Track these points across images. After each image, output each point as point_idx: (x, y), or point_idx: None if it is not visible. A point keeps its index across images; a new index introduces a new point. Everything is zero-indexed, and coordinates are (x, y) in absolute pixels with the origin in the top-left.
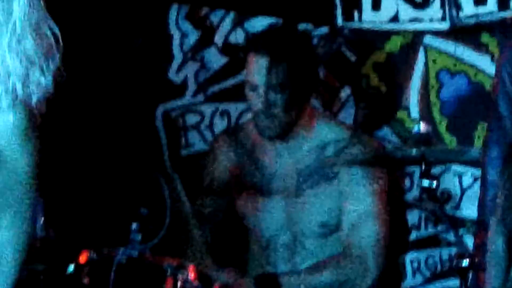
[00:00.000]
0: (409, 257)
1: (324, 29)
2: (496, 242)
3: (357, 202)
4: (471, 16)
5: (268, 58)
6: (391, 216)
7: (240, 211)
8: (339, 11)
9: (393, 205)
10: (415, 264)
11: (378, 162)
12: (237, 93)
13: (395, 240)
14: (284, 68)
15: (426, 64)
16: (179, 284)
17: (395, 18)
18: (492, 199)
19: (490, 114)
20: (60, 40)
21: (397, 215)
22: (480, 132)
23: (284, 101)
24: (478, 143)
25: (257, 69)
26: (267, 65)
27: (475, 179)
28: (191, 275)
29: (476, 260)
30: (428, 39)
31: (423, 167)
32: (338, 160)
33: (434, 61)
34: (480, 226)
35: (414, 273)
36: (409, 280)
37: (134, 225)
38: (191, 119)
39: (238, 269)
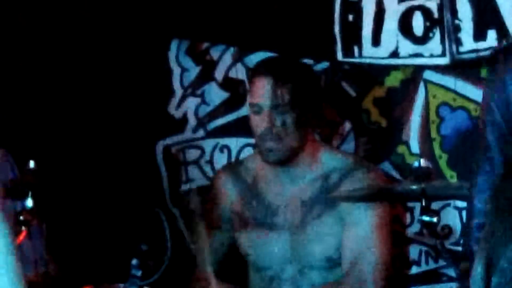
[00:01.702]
0: None
1: (324, 64)
2: (477, 270)
3: (359, 232)
4: (471, 51)
5: (272, 79)
6: (392, 250)
7: (242, 246)
8: (339, 46)
9: (394, 238)
10: None
11: (380, 193)
12: (238, 128)
13: (396, 274)
14: (288, 89)
15: (426, 99)
16: None
17: (395, 53)
18: (478, 228)
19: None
20: None
21: (397, 249)
22: None
23: (289, 123)
24: None
25: (261, 90)
26: (271, 86)
27: None
28: None
29: None
30: (428, 74)
31: (424, 202)
32: (341, 193)
33: (434, 96)
34: (464, 256)
35: None
36: None
37: (134, 261)
38: (192, 154)
39: None
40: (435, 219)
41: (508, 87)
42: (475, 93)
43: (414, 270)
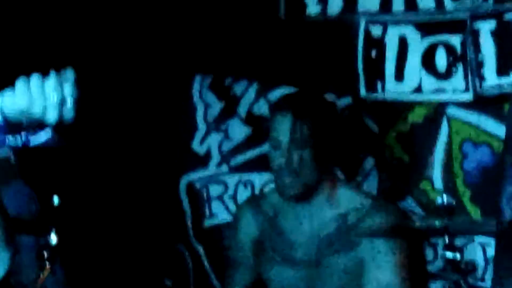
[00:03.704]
0: None
1: (347, 100)
2: None
3: (379, 272)
4: (494, 87)
5: (292, 115)
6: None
7: (264, 278)
8: (362, 82)
9: (416, 276)
10: None
11: (400, 232)
12: (261, 164)
13: None
14: (307, 126)
15: (449, 134)
16: None
17: (418, 89)
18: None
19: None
20: None
21: (419, 286)
22: None
23: (307, 159)
24: None
25: (280, 125)
26: (290, 122)
27: None
28: None
29: None
30: (451, 110)
31: (447, 238)
32: (361, 230)
33: (457, 132)
34: None
35: None
36: None
37: None
38: (215, 189)
39: None
40: (458, 256)
41: None
42: (498, 129)
43: None
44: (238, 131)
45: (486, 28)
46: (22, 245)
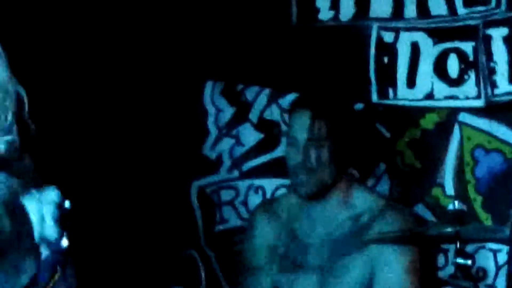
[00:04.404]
0: None
1: (359, 106)
2: None
3: (389, 276)
4: (506, 94)
5: (310, 113)
6: None
7: (273, 284)
8: (374, 88)
9: (426, 282)
10: None
11: (414, 236)
12: (272, 169)
13: None
14: (325, 125)
15: (461, 141)
16: None
17: (430, 96)
18: None
19: None
20: (25, 100)
21: None
22: None
23: (324, 158)
24: None
25: (298, 123)
26: (308, 120)
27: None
28: None
29: None
30: (463, 116)
31: (458, 245)
32: (372, 235)
33: (469, 138)
34: None
35: None
36: None
37: None
38: (226, 195)
39: None
40: (469, 262)
41: None
42: (510, 135)
43: None
44: (250, 136)
45: (498, 34)
46: None
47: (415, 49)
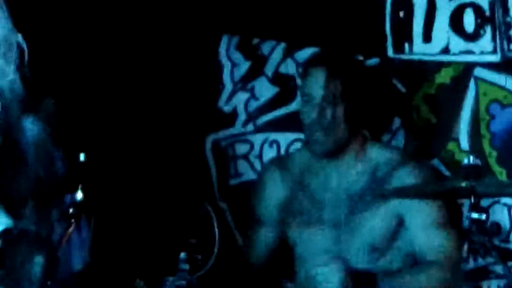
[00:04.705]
0: None
1: (375, 60)
2: None
3: (421, 214)
4: None
5: (325, 71)
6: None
7: (289, 237)
8: (390, 43)
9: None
10: None
11: (430, 190)
12: (287, 123)
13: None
14: (340, 83)
15: (476, 96)
16: None
17: (445, 50)
18: None
19: None
20: (26, 54)
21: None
22: None
23: (339, 116)
24: None
25: (314, 81)
26: (324, 78)
27: None
28: None
29: None
30: (478, 71)
31: (473, 199)
32: (391, 188)
33: (484, 93)
34: None
35: None
36: None
37: (182, 255)
38: (241, 148)
39: None
40: (484, 217)
41: None
42: None
43: (462, 267)
44: (265, 90)
45: None
46: None
47: (431, 3)
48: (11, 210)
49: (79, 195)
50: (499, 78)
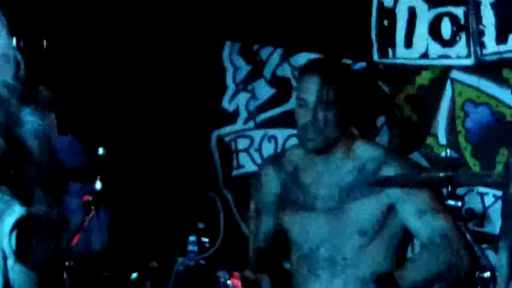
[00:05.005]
0: None
1: (362, 64)
2: (502, 261)
3: (414, 202)
4: (494, 53)
5: (320, 78)
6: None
7: (285, 226)
8: (375, 48)
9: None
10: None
11: (415, 179)
12: (284, 120)
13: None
14: (333, 89)
15: (452, 96)
16: None
17: (425, 55)
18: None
19: None
20: (22, 63)
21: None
22: (501, 158)
23: (331, 118)
24: (499, 167)
25: (309, 87)
26: (318, 85)
27: (497, 199)
28: (235, 281)
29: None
30: (454, 74)
31: (450, 188)
32: (380, 179)
33: (460, 93)
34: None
35: None
36: None
37: (191, 238)
38: (242, 143)
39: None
40: (459, 204)
41: None
42: (496, 90)
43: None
44: (264, 91)
45: (486, 0)
46: (71, 191)
47: (412, 13)
48: (22, 198)
49: (98, 185)
50: (472, 80)
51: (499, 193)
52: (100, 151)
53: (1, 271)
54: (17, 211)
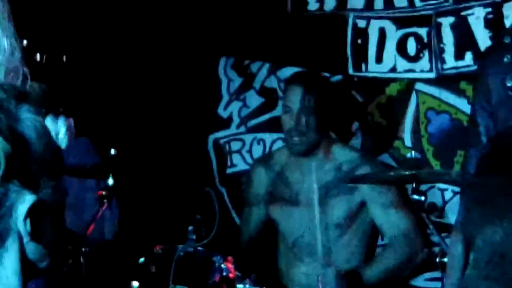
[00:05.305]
0: None
1: (339, 77)
2: (457, 248)
3: (381, 197)
4: (453, 68)
5: (302, 89)
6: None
7: (273, 218)
8: (350, 63)
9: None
10: None
11: (384, 177)
12: (271, 126)
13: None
14: (314, 98)
15: (417, 105)
16: (223, 272)
17: (393, 69)
18: None
19: (468, 142)
20: (29, 78)
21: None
22: (458, 158)
23: (312, 123)
24: (457, 166)
25: (293, 96)
26: (301, 94)
27: (455, 194)
28: (229, 265)
29: None
30: (419, 86)
31: (414, 185)
32: (354, 177)
33: (423, 102)
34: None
35: None
36: None
37: (190, 228)
38: (235, 145)
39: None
40: (423, 198)
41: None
42: (455, 100)
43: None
44: (254, 100)
45: (447, 22)
46: (86, 187)
47: (382, 33)
48: (30, 187)
49: (110, 181)
50: (434, 91)
51: (457, 189)
52: (112, 152)
53: (19, 248)
54: (28, 199)
